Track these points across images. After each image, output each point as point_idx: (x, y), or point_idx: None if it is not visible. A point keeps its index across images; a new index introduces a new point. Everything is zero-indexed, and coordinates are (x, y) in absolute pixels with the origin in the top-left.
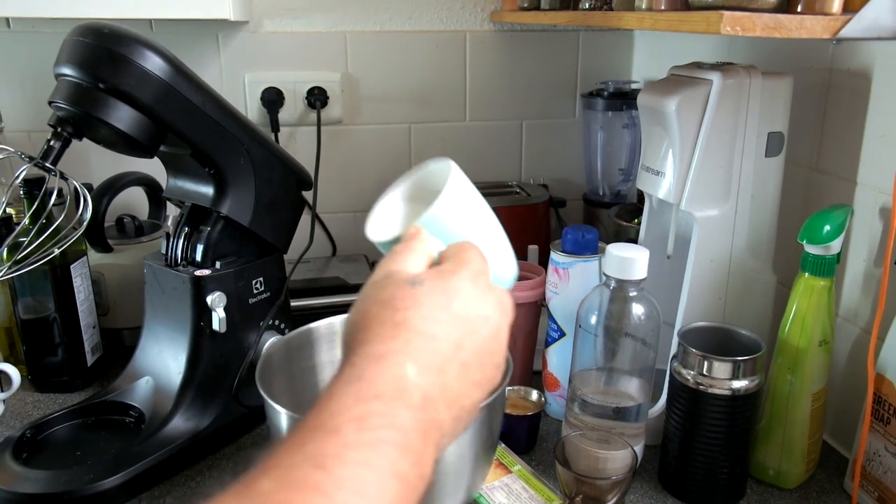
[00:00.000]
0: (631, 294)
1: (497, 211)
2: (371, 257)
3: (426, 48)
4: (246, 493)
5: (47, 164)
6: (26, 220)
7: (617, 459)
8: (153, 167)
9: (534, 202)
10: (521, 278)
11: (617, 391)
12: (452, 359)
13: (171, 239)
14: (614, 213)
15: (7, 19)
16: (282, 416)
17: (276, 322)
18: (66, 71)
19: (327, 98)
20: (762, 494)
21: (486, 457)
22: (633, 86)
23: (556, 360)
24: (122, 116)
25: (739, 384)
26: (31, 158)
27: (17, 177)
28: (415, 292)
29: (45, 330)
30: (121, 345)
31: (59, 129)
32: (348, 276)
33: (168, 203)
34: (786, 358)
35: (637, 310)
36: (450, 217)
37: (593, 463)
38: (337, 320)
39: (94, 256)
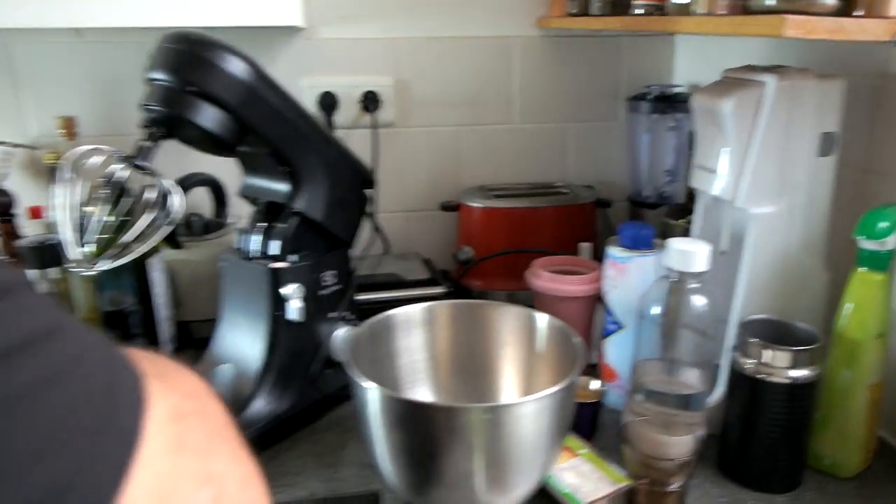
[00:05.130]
0: (691, 286)
1: (546, 211)
2: (424, 255)
3: (475, 53)
4: None
5: (141, 163)
6: (107, 217)
7: (680, 444)
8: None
9: (581, 202)
10: (574, 273)
11: (677, 381)
12: None
13: (246, 235)
14: (663, 212)
15: (78, 29)
16: (372, 391)
17: (344, 313)
18: (159, 76)
19: (380, 101)
20: (819, 482)
21: (557, 440)
22: (677, 89)
23: (613, 351)
24: (210, 117)
25: (798, 373)
26: (126, 158)
27: (112, 176)
28: None
29: (125, 322)
30: (189, 337)
31: (151, 130)
32: (403, 272)
33: (226, 202)
34: (842, 350)
35: (698, 301)
36: None
37: (657, 447)
38: (413, 309)
39: (165, 253)
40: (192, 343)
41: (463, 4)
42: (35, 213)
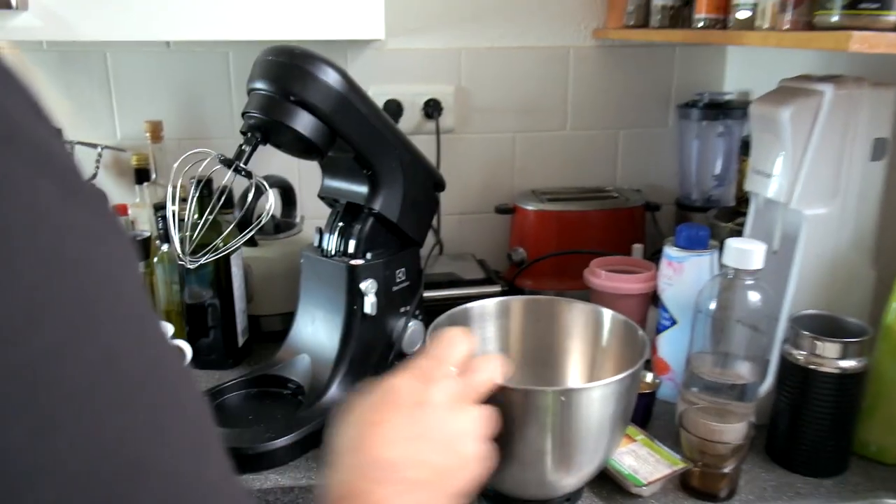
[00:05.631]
0: (747, 283)
1: (596, 214)
2: (478, 255)
3: (532, 62)
4: None
5: (241, 165)
6: (195, 215)
7: (733, 431)
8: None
9: (631, 206)
10: (629, 272)
11: (730, 372)
12: None
13: (325, 233)
14: (712, 215)
15: (168, 42)
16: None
17: (413, 308)
18: (260, 85)
19: (442, 108)
20: (864, 468)
21: (621, 426)
22: (727, 96)
23: (667, 346)
24: (306, 124)
25: (847, 364)
26: (227, 161)
27: (226, 179)
28: None
29: (204, 314)
30: (258, 330)
31: (250, 135)
32: (459, 271)
33: (295, 203)
34: (890, 343)
35: (753, 297)
36: None
37: (711, 433)
38: (489, 302)
39: (241, 250)
40: (263, 336)
41: (521, 16)
42: (120, 210)
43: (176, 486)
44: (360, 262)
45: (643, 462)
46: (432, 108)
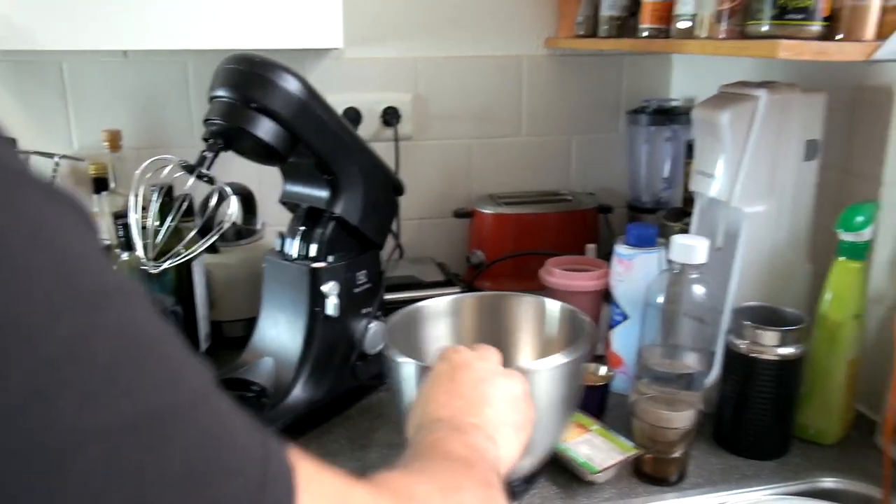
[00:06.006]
0: (692, 277)
1: (552, 216)
2: (437, 259)
3: (486, 71)
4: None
5: (203, 171)
6: (169, 220)
7: (682, 418)
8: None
9: (584, 208)
10: (582, 271)
11: (678, 363)
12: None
13: (287, 237)
14: (661, 216)
15: (125, 51)
16: (409, 366)
17: (374, 310)
18: (221, 93)
19: (400, 116)
20: (804, 450)
21: (570, 407)
22: (673, 103)
23: (619, 340)
24: (267, 130)
25: (786, 351)
26: (188, 167)
27: (188, 186)
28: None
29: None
30: (220, 336)
31: (212, 142)
32: (419, 274)
33: (255, 210)
34: (824, 330)
35: (698, 290)
36: None
37: (661, 420)
38: (442, 301)
39: (202, 257)
40: (225, 342)
41: (476, 26)
42: None
43: (194, 418)
44: (322, 264)
45: (597, 450)
46: (391, 116)
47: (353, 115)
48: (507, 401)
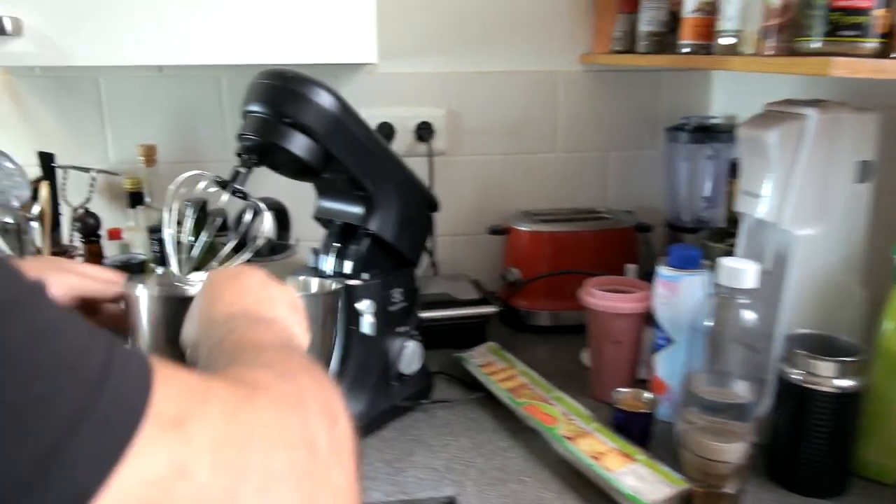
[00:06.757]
0: (741, 302)
1: (590, 234)
2: (471, 276)
3: (521, 86)
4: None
5: (237, 187)
6: (203, 237)
7: (734, 450)
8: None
9: (623, 226)
10: (623, 292)
11: (728, 391)
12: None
13: (321, 254)
14: (704, 235)
15: (160, 67)
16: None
17: (409, 328)
18: (255, 108)
19: (433, 131)
20: (864, 488)
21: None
22: (714, 120)
23: (664, 365)
24: (301, 145)
25: (844, 383)
26: (222, 183)
27: (222, 201)
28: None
29: None
30: None
31: (245, 157)
32: (454, 291)
33: (289, 226)
34: (886, 362)
35: (747, 316)
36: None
37: (712, 453)
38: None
39: None
40: None
41: (510, 42)
42: (114, 234)
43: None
44: (356, 282)
45: (644, 482)
46: (424, 131)
47: (387, 131)
48: (290, 304)
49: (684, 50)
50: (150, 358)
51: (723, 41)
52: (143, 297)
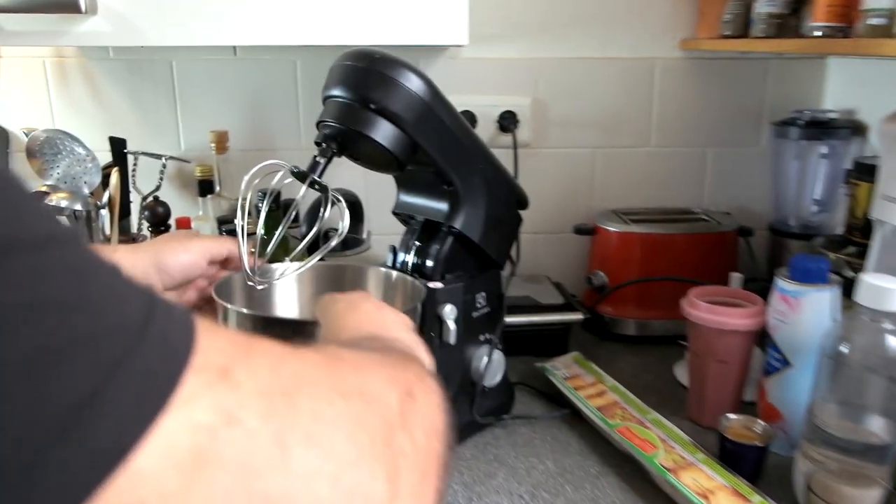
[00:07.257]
0: (886, 327)
1: (685, 238)
2: (552, 277)
3: (614, 74)
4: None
5: (315, 178)
6: (278, 231)
7: (868, 498)
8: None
9: (722, 230)
10: (731, 304)
11: (861, 428)
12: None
13: (399, 252)
14: (819, 242)
15: (234, 48)
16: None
17: (492, 336)
18: (337, 92)
19: (518, 121)
20: None
21: None
22: (830, 115)
23: (777, 391)
24: (387, 134)
25: None
26: (300, 174)
27: (300, 194)
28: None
29: None
30: None
31: (325, 146)
32: (535, 295)
33: (363, 219)
34: None
35: (893, 344)
36: None
37: (842, 500)
38: None
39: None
40: None
41: (603, 25)
42: (182, 223)
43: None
44: (439, 284)
45: None
46: (508, 121)
47: (469, 120)
48: (408, 327)
49: (815, 33)
50: (191, 311)
51: (872, 21)
52: (231, 312)
